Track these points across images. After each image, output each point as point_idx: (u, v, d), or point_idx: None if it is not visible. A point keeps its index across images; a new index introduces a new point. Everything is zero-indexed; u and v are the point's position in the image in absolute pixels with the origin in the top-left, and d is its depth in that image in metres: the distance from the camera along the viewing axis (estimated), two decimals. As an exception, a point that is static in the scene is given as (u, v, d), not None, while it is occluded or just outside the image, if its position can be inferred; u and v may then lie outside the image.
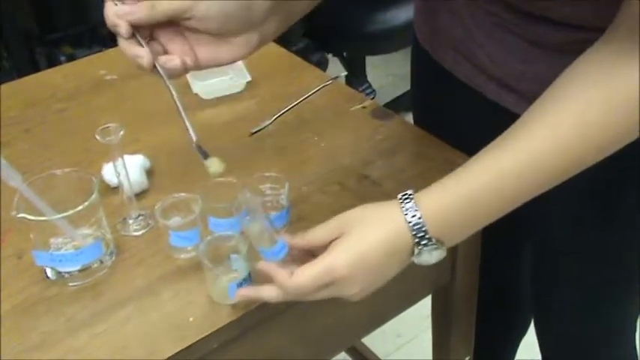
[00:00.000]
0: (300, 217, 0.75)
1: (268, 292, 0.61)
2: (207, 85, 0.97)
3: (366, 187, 0.78)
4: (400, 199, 0.60)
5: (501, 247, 0.93)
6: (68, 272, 0.67)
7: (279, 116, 0.91)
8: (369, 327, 0.83)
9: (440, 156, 0.82)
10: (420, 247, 0.59)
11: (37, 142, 0.89)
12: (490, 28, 0.71)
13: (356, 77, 1.88)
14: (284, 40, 1.93)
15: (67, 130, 0.91)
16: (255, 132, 0.89)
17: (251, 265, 0.67)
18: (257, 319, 0.66)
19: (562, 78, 0.58)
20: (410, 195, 0.59)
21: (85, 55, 2.18)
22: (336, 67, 1.94)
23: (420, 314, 0.86)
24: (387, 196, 0.76)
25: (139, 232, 0.73)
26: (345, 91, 0.97)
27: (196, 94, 0.95)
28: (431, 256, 0.60)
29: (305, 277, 0.58)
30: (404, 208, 0.59)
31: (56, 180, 0.68)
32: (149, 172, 0.82)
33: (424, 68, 0.89)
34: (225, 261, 0.65)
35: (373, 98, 1.88)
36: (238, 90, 0.96)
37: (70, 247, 0.67)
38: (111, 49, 1.10)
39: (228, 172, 0.81)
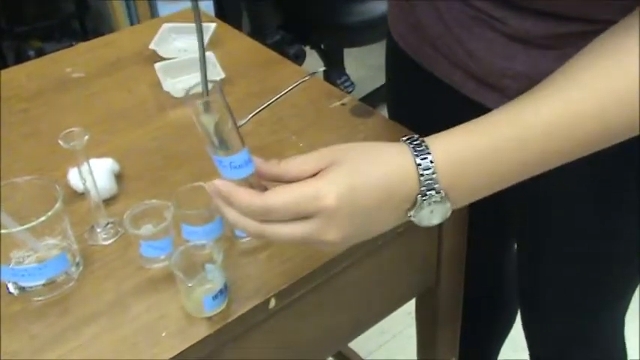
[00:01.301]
0: (278, 221, 0.71)
1: (229, 211, 0.51)
2: (178, 83, 0.93)
3: (347, 189, 0.75)
4: (408, 139, 0.52)
5: (486, 245, 0.91)
6: (32, 287, 0.62)
7: (254, 115, 0.87)
8: (353, 333, 0.80)
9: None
10: (424, 198, 0.50)
11: (-1, 145, 0.84)
12: (469, 23, 0.68)
13: (334, 70, 1.84)
14: (260, 32, 1.90)
15: (31, 132, 0.86)
16: (231, 131, 0.85)
17: (228, 275, 0.63)
18: (235, 332, 0.62)
19: (598, 42, 0.53)
20: (418, 137, 0.51)
21: (54, 50, 2.13)
22: (314, 60, 1.90)
23: (403, 310, 0.84)
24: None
25: (108, 242, 0.69)
26: (324, 87, 0.94)
27: (167, 93, 0.90)
28: (432, 214, 0.51)
29: (281, 198, 0.48)
30: (414, 149, 0.50)
31: (17, 188, 0.64)
32: (118, 177, 0.77)
33: (399, 66, 0.86)
34: (200, 272, 0.61)
35: (352, 91, 1.85)
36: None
37: (33, 260, 0.63)
38: (77, 45, 1.05)
39: (203, 175, 0.78)
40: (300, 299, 0.66)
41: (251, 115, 0.87)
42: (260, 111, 0.87)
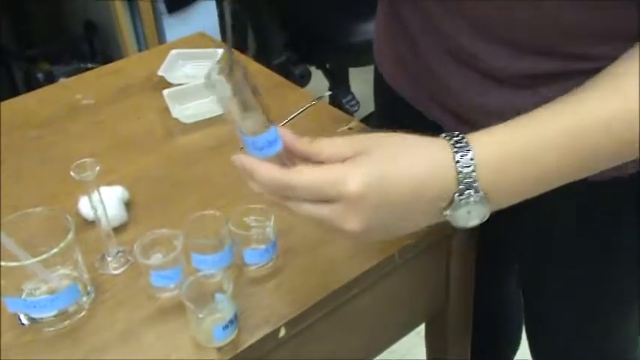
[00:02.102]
0: (287, 249, 0.72)
1: (252, 185, 0.49)
2: (186, 109, 0.94)
3: (355, 215, 0.75)
4: (447, 136, 0.49)
5: (490, 269, 0.91)
6: (43, 318, 0.63)
7: (262, 140, 0.88)
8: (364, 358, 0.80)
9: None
10: (461, 197, 0.47)
11: (12, 173, 0.85)
12: (445, 58, 0.67)
13: (340, 89, 1.85)
14: (265, 53, 1.91)
15: (43, 160, 0.87)
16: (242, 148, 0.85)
17: (237, 304, 0.64)
18: (245, 361, 0.62)
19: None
20: (459, 134, 0.49)
21: (63, 72, 2.15)
22: (320, 79, 1.92)
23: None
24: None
25: (119, 271, 0.70)
26: (330, 111, 0.94)
27: (176, 119, 0.91)
28: (469, 214, 0.48)
29: (305, 177, 0.46)
30: (453, 145, 0.48)
31: (29, 219, 0.65)
32: (128, 204, 0.78)
33: (384, 96, 0.86)
34: (210, 302, 0.61)
35: (357, 110, 1.86)
36: (219, 113, 0.93)
37: (45, 291, 0.64)
38: (87, 72, 1.06)
39: (212, 202, 0.79)
40: (309, 327, 0.66)
41: (259, 141, 0.87)
42: (268, 137, 0.88)
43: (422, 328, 0.93)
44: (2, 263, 0.59)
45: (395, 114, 0.85)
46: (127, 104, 0.97)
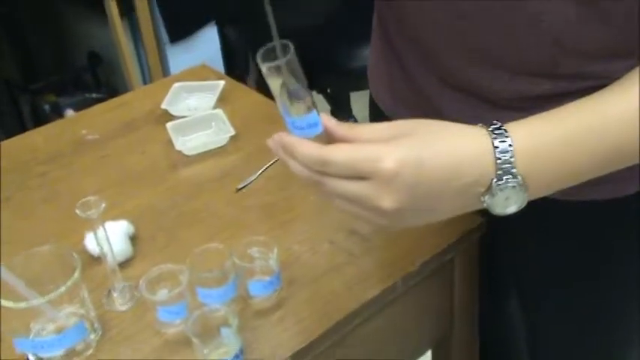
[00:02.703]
0: (291, 280, 0.72)
1: (290, 162, 0.50)
2: (189, 141, 0.95)
3: (357, 244, 0.76)
4: (485, 125, 0.50)
5: (494, 293, 0.91)
6: (51, 357, 0.64)
7: (264, 170, 0.89)
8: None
9: (431, 206, 0.80)
10: (499, 183, 0.48)
11: (18, 210, 0.86)
12: (438, 83, 0.68)
13: (341, 113, 1.87)
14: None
15: (49, 196, 0.88)
16: (241, 188, 0.87)
17: (243, 337, 0.64)
18: (252, 395, 0.63)
19: None
20: (496, 122, 0.50)
21: (69, 103, 2.17)
22: (321, 104, 1.93)
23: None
24: (378, 252, 0.75)
25: (125, 306, 0.71)
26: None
27: (179, 152, 0.93)
28: (507, 201, 0.49)
29: (341, 153, 0.47)
30: (492, 132, 0.49)
31: (35, 258, 0.66)
32: (133, 238, 0.79)
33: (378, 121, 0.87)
34: (215, 336, 0.62)
35: (360, 133, 1.87)
36: (222, 144, 0.95)
37: (53, 329, 0.64)
38: (92, 107, 1.08)
39: (216, 234, 0.80)
40: (315, 358, 0.67)
41: (260, 172, 0.89)
42: (269, 166, 0.89)
43: (429, 354, 0.93)
44: (12, 304, 0.60)
45: None
46: (131, 138, 0.99)
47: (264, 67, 0.49)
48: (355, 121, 1.87)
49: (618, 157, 0.51)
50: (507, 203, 0.49)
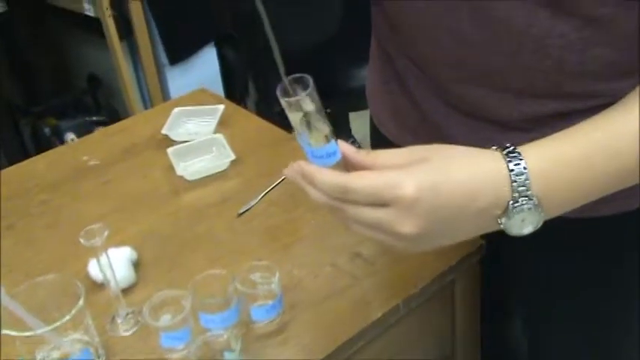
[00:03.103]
0: (293, 304, 0.73)
1: (310, 189, 0.51)
2: (190, 166, 0.96)
3: (359, 267, 0.77)
4: (498, 147, 0.51)
5: (496, 314, 0.91)
6: (56, 384, 0.64)
7: (265, 194, 0.90)
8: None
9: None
10: (515, 205, 0.49)
11: (21, 238, 0.87)
12: (445, 109, 0.69)
13: (341, 133, 1.88)
14: (267, 102, 1.95)
15: (52, 223, 0.89)
16: (243, 213, 0.87)
17: (246, 362, 0.65)
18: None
19: None
20: (509, 145, 0.51)
21: (69, 126, 2.18)
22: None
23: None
24: (380, 275, 0.76)
25: (129, 332, 0.71)
26: (332, 162, 0.96)
27: (181, 177, 0.93)
28: (523, 222, 0.50)
29: (362, 181, 0.48)
30: (506, 155, 0.50)
31: (40, 287, 0.66)
32: (136, 264, 0.80)
33: (381, 148, 0.88)
34: (219, 361, 0.63)
35: (359, 152, 1.88)
36: (223, 169, 0.95)
37: (57, 356, 0.65)
38: (93, 133, 1.09)
39: (219, 259, 0.80)
40: (318, 382, 0.67)
41: (262, 195, 0.89)
42: (270, 190, 0.90)
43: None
44: (17, 333, 0.60)
45: None
46: (132, 163, 1.00)
47: (283, 102, 0.51)
48: (354, 140, 1.88)
49: (631, 175, 0.53)
50: (523, 224, 0.51)
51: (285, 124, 1.10)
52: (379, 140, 0.85)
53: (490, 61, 0.62)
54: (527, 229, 0.52)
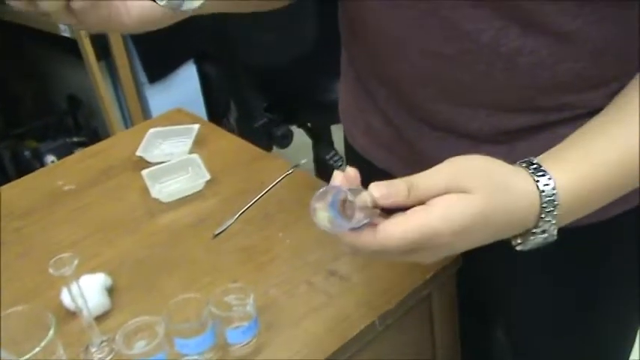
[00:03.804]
0: (269, 324, 0.72)
1: (346, 248, 0.50)
2: (166, 187, 0.96)
3: (334, 285, 0.76)
4: (524, 164, 0.51)
5: (476, 325, 0.91)
6: (29, 417, 0.63)
7: (241, 214, 0.89)
8: None
9: (407, 241, 0.81)
10: (535, 230, 0.51)
11: (-6, 267, 0.86)
12: (417, 124, 0.69)
13: (322, 146, 1.88)
14: (247, 117, 1.94)
15: (25, 251, 0.88)
16: (219, 233, 0.87)
17: (222, 387, 0.64)
18: None
19: None
20: (534, 162, 0.51)
21: (50, 149, 2.17)
22: (301, 137, 1.95)
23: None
24: (356, 292, 0.75)
25: (103, 361, 0.70)
26: (308, 178, 0.96)
27: (156, 199, 0.93)
28: (533, 241, 0.52)
29: (397, 240, 0.46)
30: (534, 174, 0.50)
31: (11, 319, 0.65)
32: (111, 290, 0.79)
33: (356, 164, 0.87)
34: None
35: (341, 165, 1.88)
36: (199, 189, 0.95)
37: (29, 390, 0.64)
38: (68, 157, 1.08)
39: (195, 281, 0.80)
40: (295, 404, 0.67)
41: (237, 216, 0.89)
42: (246, 210, 0.90)
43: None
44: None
45: (368, 180, 0.86)
46: (108, 186, 0.99)
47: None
48: (336, 152, 1.88)
49: (636, 184, 0.54)
50: (535, 242, 0.52)
51: (265, 141, 1.10)
52: (354, 156, 0.85)
53: (461, 77, 0.62)
54: (540, 245, 0.52)
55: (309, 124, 1.91)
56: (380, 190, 0.48)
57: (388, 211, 0.48)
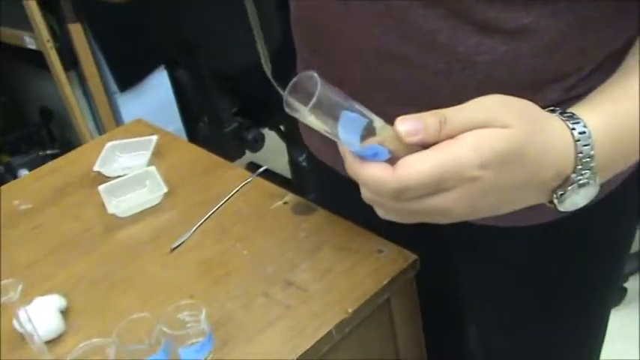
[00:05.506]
0: (225, 340, 0.71)
1: (363, 192, 0.46)
2: (123, 202, 0.94)
3: (291, 295, 0.75)
4: (559, 111, 0.48)
5: (444, 330, 0.90)
6: None
7: (198, 227, 0.88)
8: None
9: (365, 247, 0.80)
10: (576, 178, 0.46)
11: (-52, 293, 0.84)
12: None
13: (295, 148, 1.87)
14: (217, 122, 1.93)
15: (-21, 275, 0.86)
16: (176, 247, 0.86)
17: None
18: None
19: None
20: (568, 111, 0.48)
21: (23, 163, 2.14)
22: (274, 140, 1.94)
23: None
24: (313, 302, 0.74)
25: (55, 387, 0.69)
26: (266, 187, 0.95)
27: (113, 215, 0.91)
28: (577, 196, 0.47)
29: (417, 170, 0.41)
30: (568, 119, 0.47)
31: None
32: (65, 311, 0.77)
33: (318, 171, 0.87)
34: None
35: (316, 166, 1.87)
36: (156, 202, 0.93)
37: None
38: (24, 176, 1.07)
39: (150, 299, 0.78)
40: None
41: (194, 228, 0.88)
42: (203, 222, 0.88)
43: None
44: None
45: (332, 188, 0.85)
46: (65, 204, 0.97)
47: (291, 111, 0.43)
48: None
49: None
50: (577, 198, 0.48)
51: (236, 146, 1.08)
52: (318, 165, 0.84)
53: (419, 79, 0.61)
54: (582, 203, 0.48)
55: (281, 127, 1.90)
56: (405, 125, 0.43)
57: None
